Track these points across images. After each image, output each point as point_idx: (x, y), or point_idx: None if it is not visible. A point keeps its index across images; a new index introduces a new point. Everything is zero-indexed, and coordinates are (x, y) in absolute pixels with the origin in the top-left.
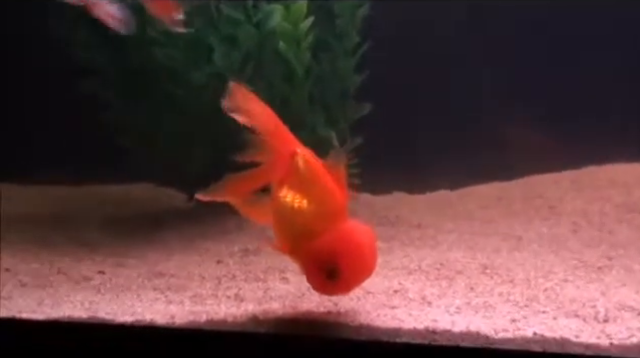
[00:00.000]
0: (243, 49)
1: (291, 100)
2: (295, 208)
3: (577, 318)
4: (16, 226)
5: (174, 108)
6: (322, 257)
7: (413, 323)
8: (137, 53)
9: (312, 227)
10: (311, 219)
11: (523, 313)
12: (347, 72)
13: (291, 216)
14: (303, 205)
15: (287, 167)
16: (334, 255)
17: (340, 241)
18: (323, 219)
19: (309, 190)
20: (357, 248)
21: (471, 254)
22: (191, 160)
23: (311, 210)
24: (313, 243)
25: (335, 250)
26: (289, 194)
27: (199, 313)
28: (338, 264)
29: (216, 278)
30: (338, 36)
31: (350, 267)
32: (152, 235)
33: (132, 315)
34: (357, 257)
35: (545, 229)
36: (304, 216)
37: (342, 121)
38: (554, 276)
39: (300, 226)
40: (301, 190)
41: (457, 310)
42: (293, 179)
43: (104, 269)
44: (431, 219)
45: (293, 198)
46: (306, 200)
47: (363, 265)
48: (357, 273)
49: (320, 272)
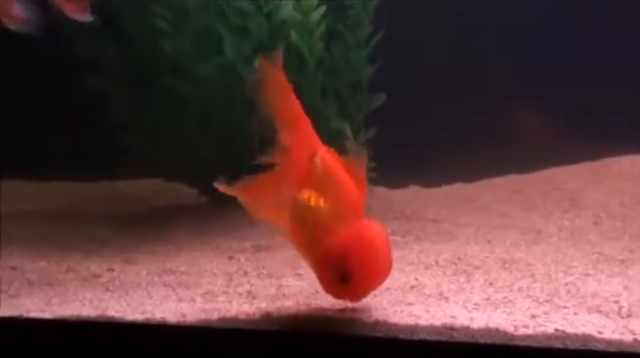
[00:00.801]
0: (254, 40)
1: (303, 91)
2: (311, 207)
3: (599, 313)
4: (22, 223)
5: (182, 102)
6: (333, 258)
7: (430, 320)
8: (143, 45)
9: (327, 226)
10: (326, 218)
11: (544, 309)
12: (360, 63)
13: (307, 216)
14: (319, 204)
15: (306, 169)
16: (346, 256)
17: (352, 242)
18: (338, 219)
19: (326, 190)
20: (370, 249)
21: (489, 248)
22: (201, 155)
23: (327, 210)
24: (325, 244)
25: (347, 251)
26: (306, 193)
27: (211, 311)
28: (349, 266)
29: (227, 274)
30: (350, 26)
31: (362, 270)
32: (161, 231)
33: (142, 313)
34: (370, 259)
35: (565, 222)
36: (319, 215)
37: (355, 113)
38: (575, 270)
39: (315, 225)
40: (319, 190)
41: (475, 306)
42: (312, 181)
43: (113, 266)
44: (447, 213)
45: (310, 198)
46: (322, 199)
47: (376, 267)
48: (370, 275)
49: (331, 274)
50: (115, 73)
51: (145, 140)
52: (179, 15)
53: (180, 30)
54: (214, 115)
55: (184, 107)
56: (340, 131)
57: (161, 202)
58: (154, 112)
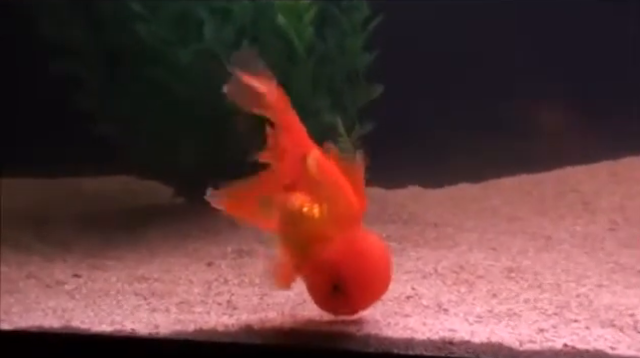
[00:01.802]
0: (237, 23)
1: (292, 82)
2: (304, 213)
3: (613, 328)
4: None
5: (159, 91)
6: (325, 267)
7: (427, 333)
8: (117, 30)
9: (321, 235)
10: (320, 226)
11: (552, 322)
12: (356, 50)
13: (298, 222)
14: (313, 210)
15: (298, 171)
16: (339, 267)
17: (347, 252)
18: (333, 226)
19: (321, 195)
20: (365, 260)
21: (494, 256)
22: (178, 150)
23: (321, 216)
24: (317, 253)
25: (341, 262)
26: (298, 198)
27: (186, 322)
28: (343, 278)
29: (206, 282)
30: (345, 9)
31: (356, 281)
32: (133, 234)
33: (111, 324)
34: (365, 270)
35: (578, 227)
36: (313, 222)
37: (350, 105)
38: (587, 281)
39: (308, 233)
40: (312, 195)
41: (478, 319)
42: (304, 184)
43: (79, 272)
44: (449, 216)
45: (302, 203)
46: (316, 205)
47: (372, 279)
48: (365, 287)
49: (323, 285)
50: (85, 58)
51: (116, 133)
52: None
53: (156, 13)
54: (193, 106)
55: (161, 97)
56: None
57: (133, 201)
58: (127, 102)
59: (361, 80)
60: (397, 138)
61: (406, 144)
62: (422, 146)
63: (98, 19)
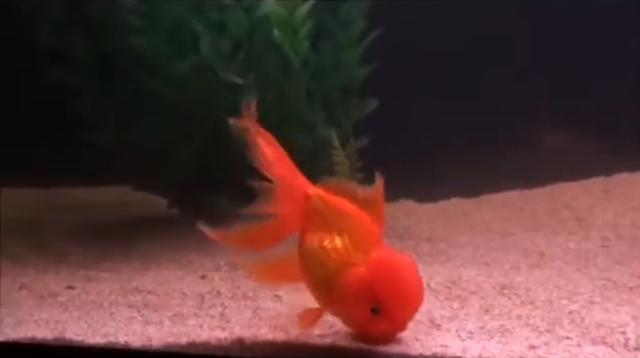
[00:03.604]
0: (232, 37)
1: (287, 95)
2: (327, 248)
3: (604, 345)
4: None
5: (155, 103)
6: (361, 293)
7: (420, 349)
8: (114, 41)
9: (349, 261)
10: (345, 255)
11: (544, 339)
12: (351, 64)
13: (324, 258)
14: (335, 242)
15: (303, 212)
16: (374, 288)
17: (379, 272)
18: (357, 252)
19: (336, 225)
20: (402, 278)
21: (487, 271)
22: (173, 161)
23: (344, 245)
24: (350, 277)
25: (375, 282)
26: (316, 237)
27: (179, 335)
28: (380, 298)
29: (199, 295)
30: (341, 23)
31: (396, 300)
32: (127, 245)
33: (104, 336)
34: (402, 288)
35: (571, 244)
36: (338, 254)
37: (344, 119)
38: (580, 297)
39: (335, 266)
40: (328, 229)
41: (469, 335)
42: (315, 222)
43: (73, 283)
44: (443, 231)
45: (321, 239)
46: (335, 236)
47: (410, 297)
48: (405, 307)
49: (361, 309)
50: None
51: (112, 144)
52: (152, 9)
53: (153, 25)
54: (189, 118)
55: (157, 109)
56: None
57: (128, 213)
58: (123, 113)
59: (356, 94)
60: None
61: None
62: (416, 161)
63: (96, 29)
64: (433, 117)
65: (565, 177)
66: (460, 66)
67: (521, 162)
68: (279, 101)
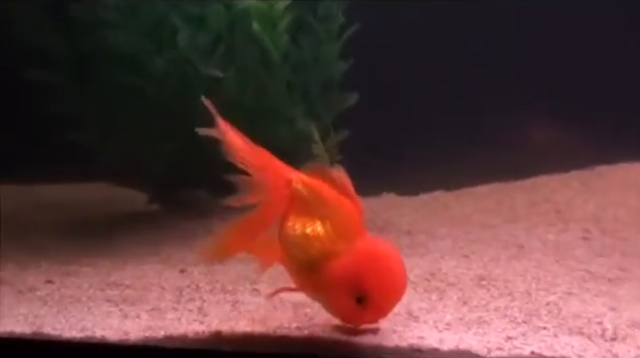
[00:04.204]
0: (211, 31)
1: (266, 89)
2: (309, 234)
3: (581, 336)
4: None
5: (133, 99)
6: (346, 283)
7: (396, 340)
8: (91, 37)
9: (332, 249)
10: (328, 243)
11: (521, 330)
12: (331, 58)
13: (306, 245)
14: (317, 229)
15: (286, 198)
16: (360, 279)
17: (363, 262)
18: (340, 240)
19: (318, 212)
20: (386, 267)
21: (466, 263)
22: (152, 157)
23: (326, 233)
24: (335, 266)
25: (360, 273)
26: (298, 223)
27: (157, 329)
28: (366, 289)
29: (178, 289)
30: (321, 17)
31: (381, 290)
32: (107, 240)
33: (81, 330)
34: (387, 277)
35: (551, 236)
36: (320, 241)
37: (325, 113)
38: (557, 288)
39: (318, 254)
40: (310, 215)
41: (447, 326)
42: (297, 207)
43: (52, 278)
44: (423, 224)
45: (304, 225)
46: (318, 223)
47: (394, 286)
48: (388, 293)
49: (346, 298)
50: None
51: (92, 139)
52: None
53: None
54: (168, 113)
55: (135, 104)
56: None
57: (107, 208)
58: (101, 109)
59: (336, 88)
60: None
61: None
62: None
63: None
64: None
65: (546, 170)
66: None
67: (502, 156)
68: (259, 95)
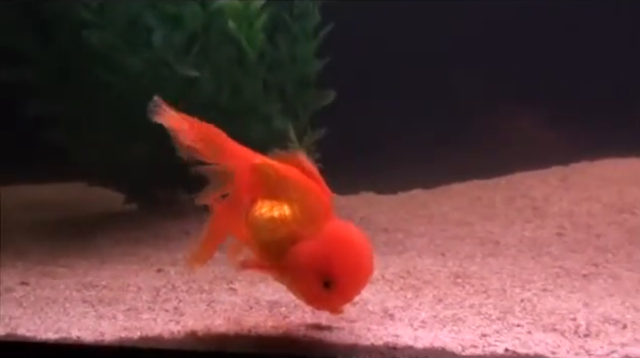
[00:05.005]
0: (187, 30)
1: (242, 87)
2: (276, 218)
3: (555, 332)
4: None
5: (109, 98)
6: (313, 268)
7: (372, 339)
8: (67, 36)
9: (299, 234)
10: (296, 226)
11: (495, 327)
12: (307, 56)
13: (273, 228)
14: (284, 213)
15: (252, 183)
16: (327, 264)
17: (331, 247)
18: (308, 223)
19: (286, 195)
20: (354, 251)
21: (442, 261)
22: (128, 157)
23: (294, 216)
24: (302, 250)
25: (327, 258)
26: (265, 207)
27: (132, 329)
28: (333, 273)
29: (154, 289)
30: (297, 16)
31: (349, 274)
32: (84, 241)
33: (56, 332)
34: (355, 262)
35: (526, 233)
36: (287, 225)
37: (301, 111)
38: (532, 285)
39: (285, 237)
40: (277, 198)
41: (422, 324)
42: (264, 191)
43: (28, 279)
44: (401, 222)
45: (271, 208)
46: (285, 206)
47: (361, 270)
48: (356, 279)
49: (313, 282)
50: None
51: (68, 139)
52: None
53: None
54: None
55: (112, 104)
56: (283, 132)
57: (84, 208)
58: (77, 109)
59: (312, 86)
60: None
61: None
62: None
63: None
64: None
65: (524, 167)
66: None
67: (480, 154)
68: (235, 94)
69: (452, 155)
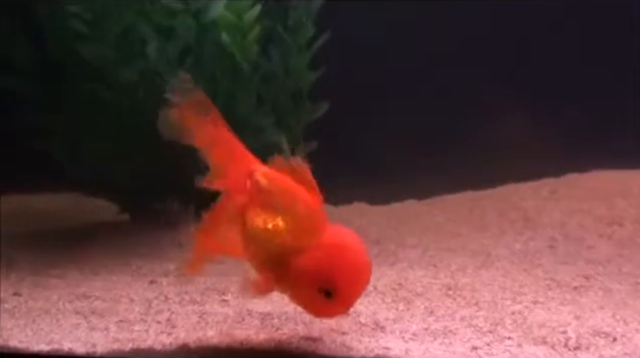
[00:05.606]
0: (180, 42)
1: (236, 100)
2: (270, 229)
3: (545, 345)
4: None
5: (103, 109)
6: (312, 278)
7: (363, 351)
8: (62, 49)
9: (294, 245)
10: (290, 237)
11: (486, 339)
12: (300, 69)
13: (268, 240)
14: (278, 224)
15: (248, 191)
16: (326, 273)
17: (328, 256)
18: (303, 233)
19: (281, 206)
20: (352, 259)
21: (433, 273)
22: (122, 167)
23: (288, 227)
24: (302, 262)
25: (326, 267)
26: (260, 217)
27: (124, 341)
28: (336, 281)
29: (146, 301)
30: (291, 28)
31: (348, 282)
32: (77, 252)
33: (49, 343)
34: (354, 269)
35: (518, 244)
36: (282, 236)
37: (294, 123)
38: (523, 298)
39: (280, 247)
40: (272, 209)
41: (413, 336)
42: (259, 200)
43: (20, 290)
44: (393, 233)
45: (265, 220)
46: (279, 218)
47: (361, 277)
48: (356, 286)
49: (313, 292)
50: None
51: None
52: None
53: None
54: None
55: (105, 114)
56: (276, 144)
57: (77, 219)
58: (72, 119)
59: (306, 98)
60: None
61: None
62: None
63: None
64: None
65: (516, 178)
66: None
67: (473, 165)
68: (228, 106)
69: (445, 166)
